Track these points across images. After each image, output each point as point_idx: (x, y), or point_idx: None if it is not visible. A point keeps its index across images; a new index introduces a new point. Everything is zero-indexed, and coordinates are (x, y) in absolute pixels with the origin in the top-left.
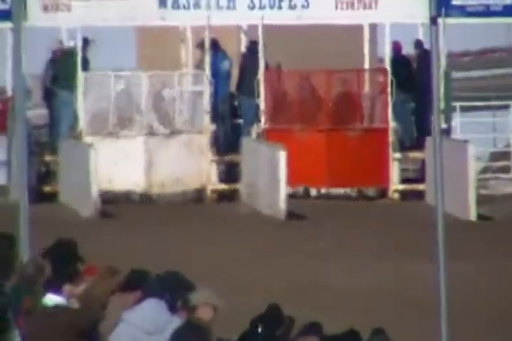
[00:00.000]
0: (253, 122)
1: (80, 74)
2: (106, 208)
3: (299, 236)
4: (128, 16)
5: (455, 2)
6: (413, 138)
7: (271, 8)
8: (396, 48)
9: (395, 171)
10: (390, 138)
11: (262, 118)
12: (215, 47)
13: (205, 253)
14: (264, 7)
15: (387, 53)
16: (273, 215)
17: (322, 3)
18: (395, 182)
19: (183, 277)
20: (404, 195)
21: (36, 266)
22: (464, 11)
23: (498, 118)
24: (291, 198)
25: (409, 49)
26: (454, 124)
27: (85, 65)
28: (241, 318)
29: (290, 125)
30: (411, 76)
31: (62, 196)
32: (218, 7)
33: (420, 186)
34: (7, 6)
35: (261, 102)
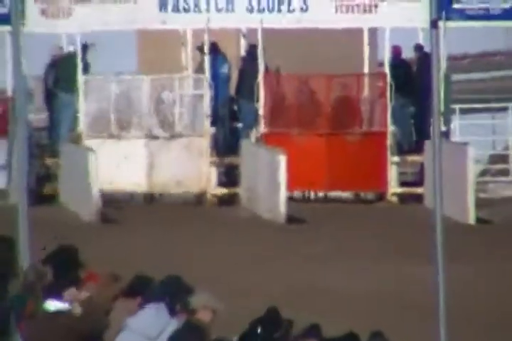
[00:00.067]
0: (252, 126)
1: (81, 77)
2: (107, 211)
3: (299, 239)
4: (128, 20)
5: (455, 6)
6: (412, 141)
7: (270, 11)
8: (396, 52)
9: (394, 174)
10: (389, 141)
11: (261, 122)
12: (215, 50)
13: (204, 256)
14: (263, 10)
15: (386, 57)
16: (273, 219)
17: (322, 6)
18: (394, 185)
19: (183, 281)
20: (402, 199)
21: (37, 273)
22: (464, 15)
23: (498, 120)
24: (290, 202)
25: (409, 53)
26: (453, 127)
27: (86, 69)
28: (241, 322)
29: (289, 129)
30: (410, 80)
31: (62, 199)
32: (217, 9)
33: (419, 189)
34: (6, 10)
35: (260, 106)
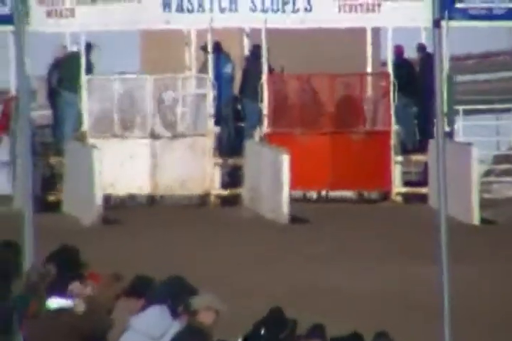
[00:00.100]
0: (256, 126)
1: (84, 77)
2: (110, 211)
3: (302, 240)
4: (132, 20)
5: (458, 5)
6: (415, 141)
7: (273, 11)
8: (398, 52)
9: (398, 174)
10: (392, 141)
11: (265, 122)
12: (219, 50)
13: (207, 257)
14: (266, 10)
15: (389, 57)
16: (276, 219)
17: (325, 6)
18: (398, 185)
19: (186, 282)
20: (406, 198)
21: (39, 274)
22: (467, 14)
23: (502, 121)
24: (293, 202)
25: (411, 53)
26: (457, 127)
27: (89, 68)
28: (244, 322)
29: (293, 129)
30: (413, 80)
31: (65, 200)
32: (221, 9)
33: (423, 189)
34: (8, 10)
35: (264, 106)
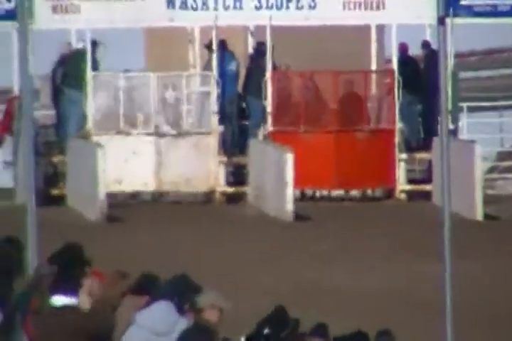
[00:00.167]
0: (260, 124)
1: (89, 73)
2: (114, 208)
3: (307, 237)
4: (136, 17)
5: (463, 2)
6: (420, 138)
7: (278, 8)
8: (402, 49)
9: (402, 172)
10: (397, 138)
11: (269, 120)
12: (223, 48)
13: (212, 254)
14: (271, 7)
15: (394, 54)
16: (280, 217)
17: (329, 3)
18: (402, 182)
19: (191, 280)
20: (411, 196)
21: (42, 270)
22: (472, 11)
23: (505, 118)
24: (298, 200)
25: (416, 50)
26: (461, 125)
27: (95, 66)
28: (247, 320)
29: (297, 127)
30: (418, 77)
31: (69, 196)
32: (225, 7)
33: (427, 187)
34: (12, 6)
35: (268, 104)
